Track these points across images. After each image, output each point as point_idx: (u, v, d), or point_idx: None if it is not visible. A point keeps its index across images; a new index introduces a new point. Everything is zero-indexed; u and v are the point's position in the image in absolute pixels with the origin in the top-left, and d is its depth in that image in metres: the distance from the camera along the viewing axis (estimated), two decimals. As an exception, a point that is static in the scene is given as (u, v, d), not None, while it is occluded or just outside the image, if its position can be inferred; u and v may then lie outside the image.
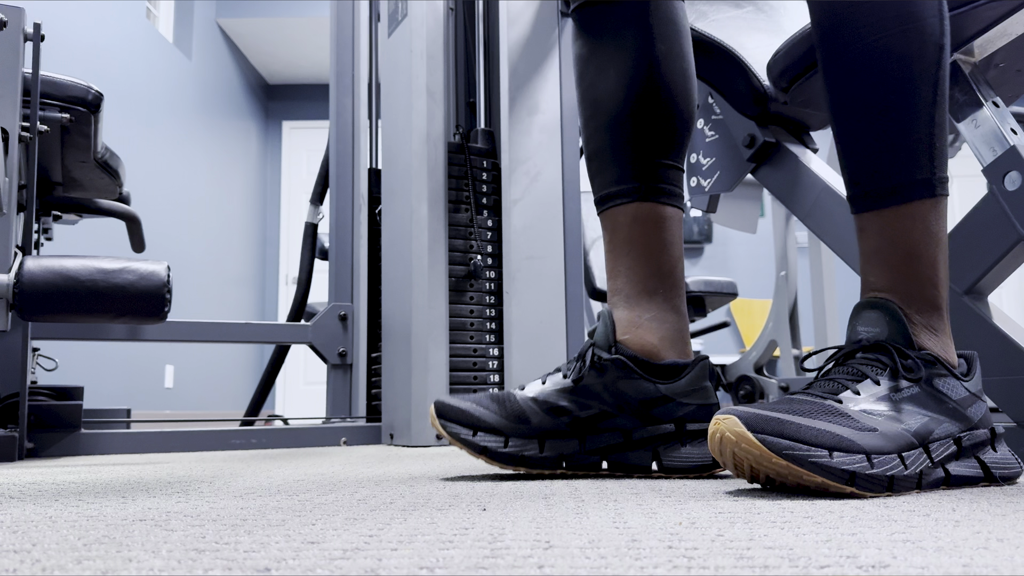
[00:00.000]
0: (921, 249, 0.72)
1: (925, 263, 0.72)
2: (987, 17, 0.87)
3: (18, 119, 1.25)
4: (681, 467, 0.79)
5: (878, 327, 0.70)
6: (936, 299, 0.72)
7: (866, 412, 0.64)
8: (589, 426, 0.80)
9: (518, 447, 0.78)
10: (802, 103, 1.04)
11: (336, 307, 2.09)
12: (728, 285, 2.63)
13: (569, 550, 0.38)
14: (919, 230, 0.72)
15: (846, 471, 0.59)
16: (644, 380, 0.80)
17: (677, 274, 0.87)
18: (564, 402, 0.80)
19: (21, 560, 0.37)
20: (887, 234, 0.73)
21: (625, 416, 0.79)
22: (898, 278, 0.72)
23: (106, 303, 1.17)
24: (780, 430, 0.60)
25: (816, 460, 0.59)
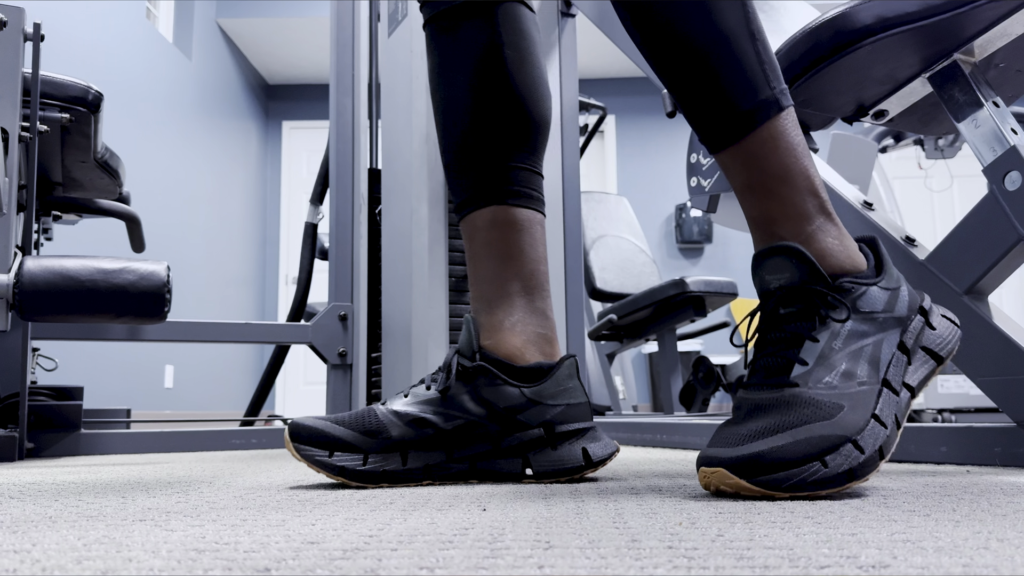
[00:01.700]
0: (790, 164, 0.69)
1: (799, 175, 0.69)
2: (987, 17, 0.87)
3: (18, 119, 1.25)
4: (552, 471, 0.77)
5: (786, 272, 0.67)
6: (823, 205, 0.70)
7: (826, 385, 0.63)
8: (456, 438, 0.77)
9: (378, 463, 0.74)
10: (802, 103, 1.04)
11: (336, 307, 2.09)
12: (728, 285, 2.63)
13: (569, 550, 0.38)
14: (782, 147, 0.70)
15: (844, 472, 0.58)
16: (508, 386, 0.78)
17: (539, 276, 0.86)
18: (429, 415, 0.77)
19: (21, 560, 0.37)
20: (753, 164, 0.70)
21: (493, 424, 0.77)
22: (782, 201, 0.70)
23: (106, 303, 1.17)
24: (766, 462, 0.58)
25: (816, 477, 0.58)
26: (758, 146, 0.70)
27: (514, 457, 0.78)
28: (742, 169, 0.71)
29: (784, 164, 0.69)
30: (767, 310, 0.68)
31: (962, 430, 0.92)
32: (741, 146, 0.70)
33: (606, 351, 2.89)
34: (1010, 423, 0.87)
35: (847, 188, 1.06)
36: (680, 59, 0.71)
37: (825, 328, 0.65)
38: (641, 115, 6.24)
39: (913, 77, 0.97)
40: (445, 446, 0.77)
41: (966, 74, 0.92)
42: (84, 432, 1.55)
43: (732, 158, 0.71)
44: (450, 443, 0.77)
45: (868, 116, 1.05)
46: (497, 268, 0.85)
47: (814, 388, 0.63)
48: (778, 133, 0.70)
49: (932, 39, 0.89)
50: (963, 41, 0.90)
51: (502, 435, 0.78)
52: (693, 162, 1.27)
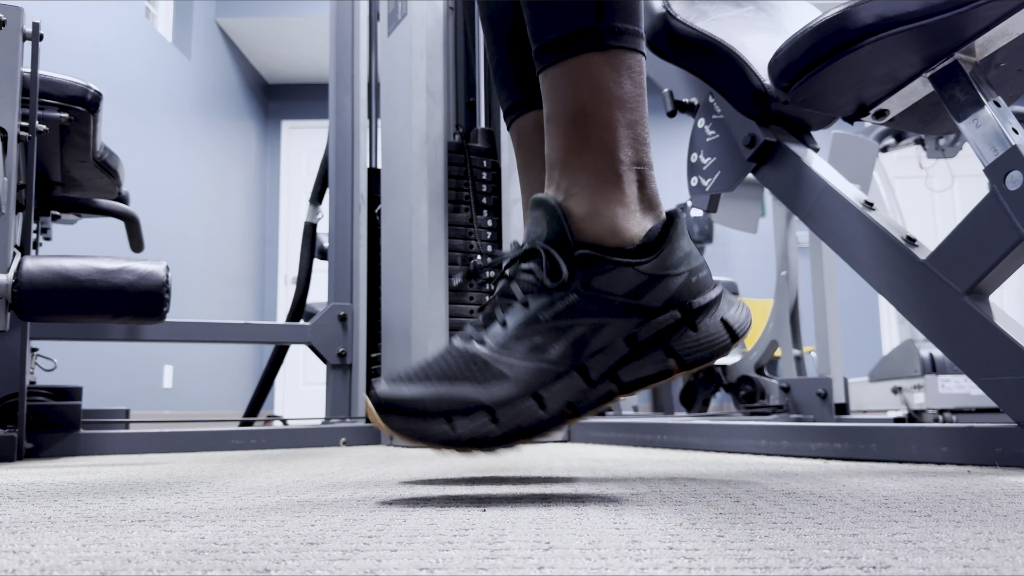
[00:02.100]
0: (591, 108, 0.63)
1: (597, 125, 0.63)
2: (988, 17, 0.87)
3: (17, 119, 1.25)
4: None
5: (540, 227, 0.63)
6: (613, 166, 0.63)
7: (504, 349, 0.59)
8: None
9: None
10: (803, 102, 1.04)
11: (335, 307, 2.09)
12: (729, 285, 2.63)
13: (569, 551, 0.38)
14: (586, 88, 0.63)
15: (467, 438, 0.56)
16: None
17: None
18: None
19: (20, 561, 0.37)
20: (555, 95, 0.64)
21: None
22: (568, 145, 0.64)
23: (105, 303, 1.16)
24: (402, 407, 0.57)
25: (434, 433, 0.56)
26: (567, 78, 0.64)
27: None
28: (548, 99, 0.65)
29: (587, 107, 0.63)
30: (507, 263, 0.65)
31: (963, 430, 0.92)
32: (550, 73, 0.65)
33: (606, 351, 2.88)
34: (1011, 423, 0.87)
35: (848, 188, 1.06)
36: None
37: (542, 296, 0.61)
38: (641, 115, 6.23)
39: (914, 76, 0.97)
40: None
41: (967, 73, 0.92)
42: (83, 432, 1.54)
43: (543, 84, 0.66)
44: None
45: (869, 115, 1.05)
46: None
47: (493, 350, 0.60)
48: (592, 71, 0.63)
49: (933, 38, 0.89)
50: (964, 40, 0.90)
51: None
52: (693, 162, 1.26)
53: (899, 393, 2.61)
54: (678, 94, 1.28)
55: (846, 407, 2.19)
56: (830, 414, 2.06)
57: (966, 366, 0.90)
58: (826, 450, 1.09)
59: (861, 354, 5.77)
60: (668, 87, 1.29)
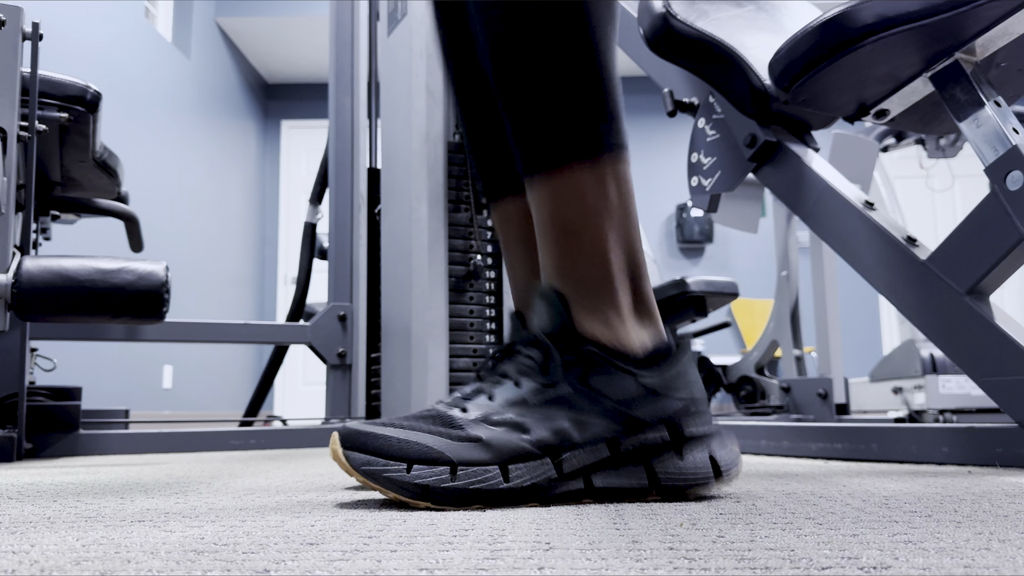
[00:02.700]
0: (578, 222, 0.64)
1: (585, 238, 0.64)
2: (988, 16, 0.87)
3: (16, 119, 1.25)
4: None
5: (544, 319, 0.63)
6: (605, 279, 0.64)
7: (484, 421, 0.59)
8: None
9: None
10: (803, 102, 1.03)
11: (335, 307, 2.09)
12: (729, 285, 2.63)
13: (569, 551, 0.38)
14: (573, 200, 0.64)
15: (418, 485, 0.56)
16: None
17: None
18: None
19: (19, 561, 0.37)
20: (544, 207, 0.65)
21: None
22: (560, 257, 0.65)
23: (104, 303, 1.16)
24: (365, 444, 0.57)
25: (390, 475, 0.56)
26: (552, 191, 0.65)
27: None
28: (536, 211, 0.67)
29: (574, 221, 0.65)
30: (505, 347, 0.66)
31: (964, 431, 0.92)
32: (535, 185, 0.66)
33: (606, 351, 2.88)
34: (1012, 423, 0.86)
35: (848, 188, 1.06)
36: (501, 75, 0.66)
37: (535, 380, 0.62)
38: (641, 114, 6.24)
39: (915, 76, 0.97)
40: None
41: (967, 73, 0.92)
42: (83, 432, 1.54)
43: (530, 196, 0.67)
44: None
45: (869, 115, 1.04)
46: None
47: (474, 418, 0.60)
48: (576, 184, 0.64)
49: (934, 38, 0.89)
50: (965, 40, 0.90)
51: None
52: (694, 162, 1.26)
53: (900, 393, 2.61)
54: (678, 94, 1.28)
55: (846, 407, 2.19)
56: (830, 414, 2.06)
57: (967, 366, 0.90)
58: (826, 450, 1.09)
59: (861, 354, 5.77)
60: (668, 87, 1.29)
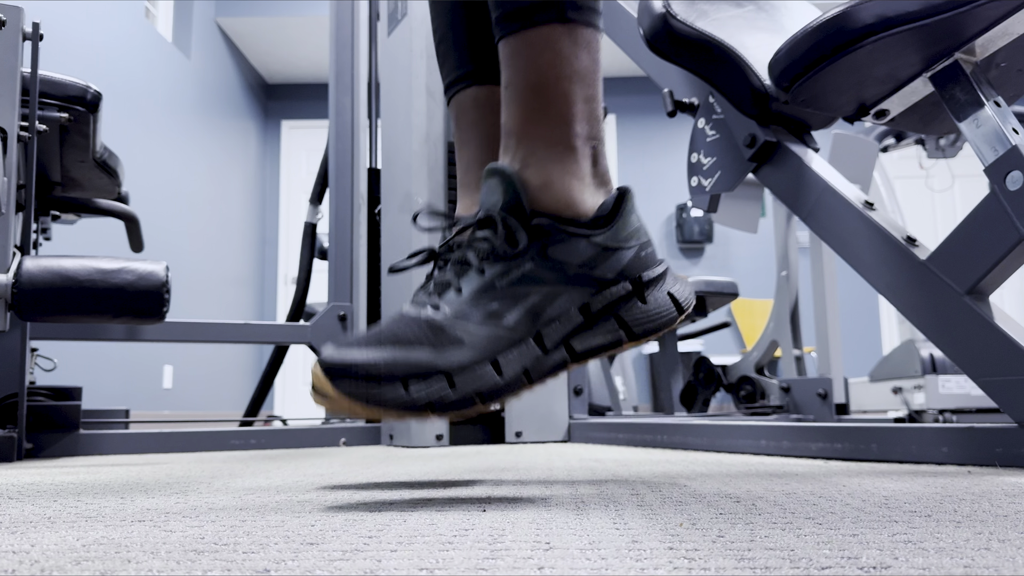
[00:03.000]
0: (549, 80, 0.64)
1: (555, 97, 0.64)
2: (988, 17, 0.87)
3: (17, 119, 1.25)
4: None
5: (494, 195, 0.63)
6: (569, 139, 0.64)
7: (459, 317, 0.59)
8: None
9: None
10: (803, 102, 1.03)
11: (335, 307, 2.09)
12: (729, 285, 2.63)
13: (569, 551, 0.38)
14: (546, 59, 0.64)
15: (424, 402, 0.56)
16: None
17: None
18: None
19: (20, 561, 0.37)
20: (515, 64, 0.65)
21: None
22: (526, 115, 0.65)
23: (105, 303, 1.16)
24: (355, 371, 0.56)
25: (392, 398, 0.55)
26: (526, 48, 0.65)
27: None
28: (506, 67, 0.66)
29: (545, 79, 0.64)
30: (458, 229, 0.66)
31: (963, 431, 0.92)
32: (510, 41, 0.66)
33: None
34: (1011, 423, 0.86)
35: (848, 188, 1.06)
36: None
37: (498, 263, 0.62)
38: (641, 114, 6.24)
39: (914, 76, 0.97)
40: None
41: (967, 73, 0.92)
42: (83, 432, 1.54)
43: (502, 52, 0.66)
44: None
45: (869, 115, 1.05)
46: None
47: (448, 316, 0.60)
48: (551, 43, 0.64)
49: (933, 38, 0.89)
50: (964, 40, 0.90)
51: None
52: (694, 162, 1.26)
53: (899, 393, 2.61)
54: (678, 94, 1.28)
55: (846, 407, 2.20)
56: (830, 414, 2.06)
57: (966, 366, 0.90)
58: (826, 450, 1.09)
59: (861, 354, 5.77)
60: (668, 87, 1.29)
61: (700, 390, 2.57)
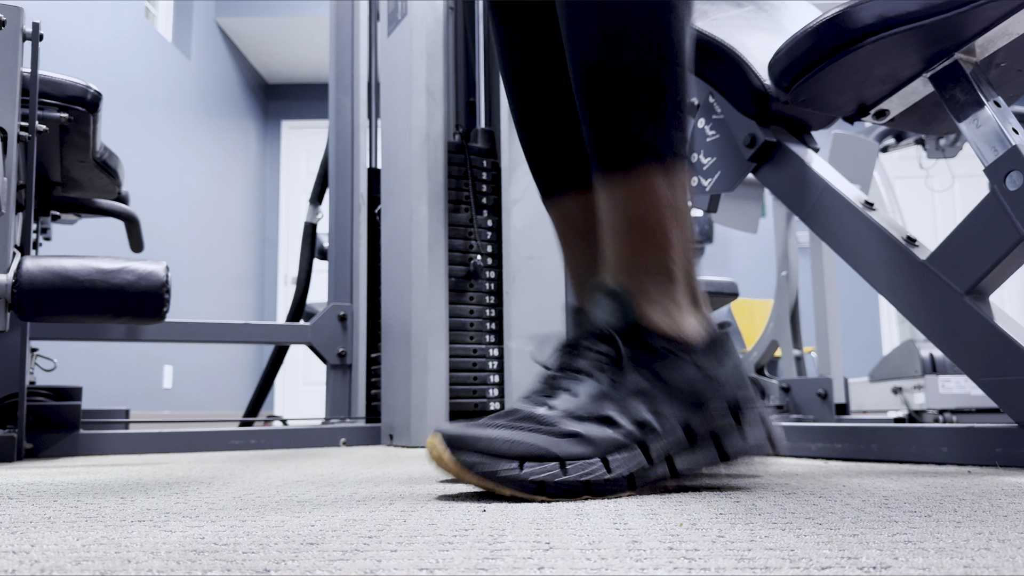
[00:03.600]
0: (651, 217, 0.69)
1: (655, 232, 0.69)
2: (988, 17, 0.87)
3: (17, 119, 1.25)
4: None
5: (609, 314, 0.68)
6: (667, 267, 0.69)
7: (572, 416, 0.63)
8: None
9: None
10: (803, 102, 1.03)
11: (335, 307, 2.09)
12: (729, 285, 2.63)
13: (569, 551, 0.38)
14: (648, 197, 0.69)
15: (533, 481, 0.59)
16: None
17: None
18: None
19: (20, 561, 0.37)
20: (616, 201, 0.70)
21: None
22: (628, 248, 0.70)
23: (105, 303, 1.16)
24: (474, 446, 0.60)
25: (505, 474, 0.59)
26: (626, 187, 0.70)
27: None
28: (606, 205, 0.71)
29: (647, 216, 0.70)
30: (569, 342, 0.70)
31: (963, 431, 0.92)
32: (611, 181, 0.71)
33: (606, 351, 2.88)
34: (1011, 424, 0.86)
35: (848, 188, 1.06)
36: (583, 67, 0.72)
37: (614, 375, 0.66)
38: (641, 115, 6.24)
39: (914, 76, 0.97)
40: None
41: (967, 74, 0.92)
42: (83, 432, 1.54)
43: (600, 191, 0.72)
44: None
45: (869, 116, 1.05)
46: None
47: (561, 415, 0.64)
48: (651, 182, 0.70)
49: (933, 38, 0.89)
50: (964, 40, 0.90)
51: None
52: (693, 162, 1.26)
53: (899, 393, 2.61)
54: (678, 94, 1.28)
55: (846, 407, 2.20)
56: (830, 414, 2.06)
57: (966, 366, 0.90)
58: (826, 450, 1.09)
59: (861, 354, 5.77)
60: (668, 87, 1.28)
61: (700, 390, 2.57)
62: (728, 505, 0.56)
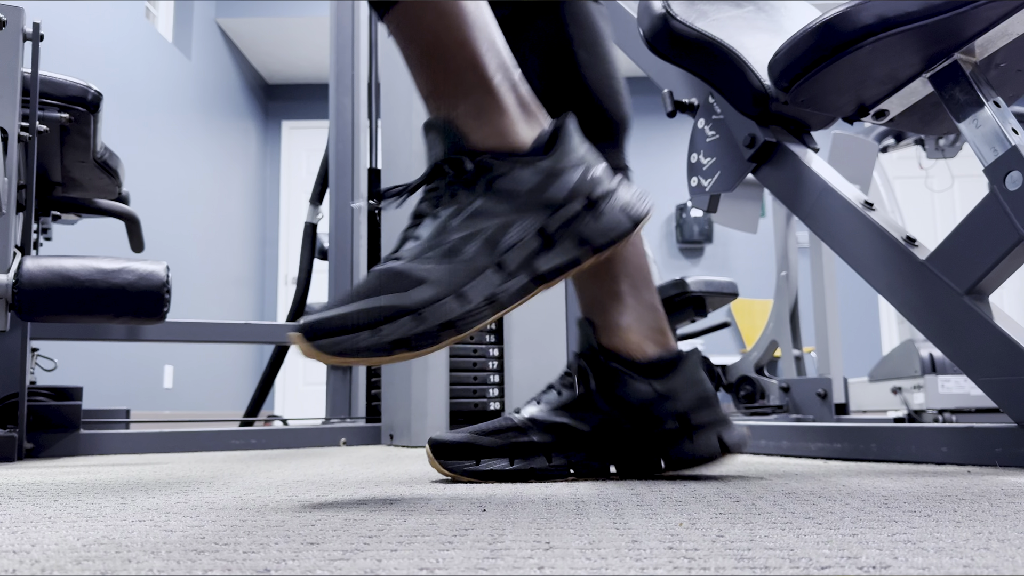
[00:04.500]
0: (443, 34, 0.66)
1: (454, 48, 0.66)
2: (988, 17, 0.87)
3: (17, 119, 1.25)
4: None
5: (437, 147, 0.66)
6: (484, 81, 0.66)
7: (419, 259, 0.63)
8: (594, 437, 0.80)
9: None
10: (803, 103, 1.03)
11: (336, 307, 2.09)
12: (729, 285, 2.63)
13: (569, 551, 0.38)
14: (430, 15, 0.66)
15: (392, 342, 0.59)
16: (638, 382, 0.80)
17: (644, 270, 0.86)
18: (566, 419, 0.80)
19: (20, 560, 0.37)
20: (404, 32, 0.67)
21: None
22: (433, 77, 0.67)
23: (105, 303, 1.17)
24: (327, 328, 0.59)
25: (365, 344, 0.59)
26: (408, 11, 0.66)
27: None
28: (399, 38, 0.68)
29: (435, 36, 0.66)
30: (409, 188, 0.69)
31: (963, 430, 0.92)
32: (390, 16, 0.67)
33: (606, 351, 2.88)
34: (1011, 423, 0.87)
35: (848, 188, 1.06)
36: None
37: (450, 205, 0.65)
38: (641, 115, 6.23)
39: (914, 77, 0.97)
40: (586, 446, 0.79)
41: (967, 74, 0.92)
42: (83, 432, 1.54)
43: (389, 24, 0.68)
44: (590, 443, 0.80)
45: (869, 116, 1.05)
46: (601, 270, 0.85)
47: (409, 262, 0.63)
48: (424, 2, 0.66)
49: (933, 39, 0.89)
50: (964, 41, 0.90)
51: (638, 431, 0.79)
52: (693, 162, 1.26)
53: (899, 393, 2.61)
54: (678, 94, 1.28)
55: (846, 407, 2.19)
56: (830, 414, 2.06)
57: (966, 366, 0.90)
58: (826, 450, 1.09)
59: (861, 354, 5.77)
60: (668, 87, 1.29)
61: (700, 390, 2.57)
62: (728, 505, 0.56)
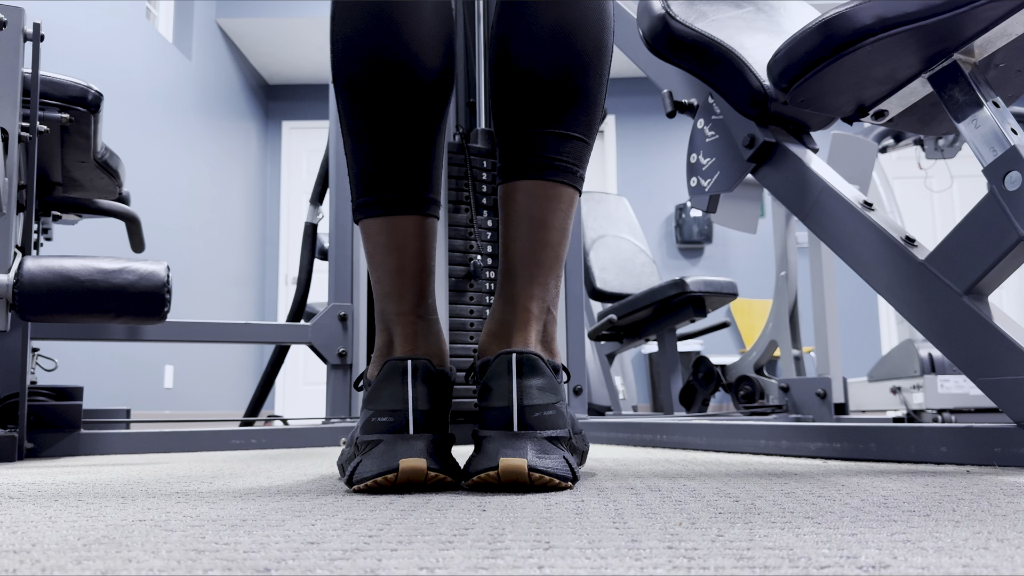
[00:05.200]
0: (372, 272, 0.79)
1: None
2: (987, 17, 0.87)
3: (18, 119, 1.25)
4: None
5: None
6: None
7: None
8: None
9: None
10: (802, 103, 1.04)
11: (336, 307, 2.09)
12: (728, 285, 2.63)
13: (569, 550, 0.38)
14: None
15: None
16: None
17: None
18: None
19: (21, 560, 0.37)
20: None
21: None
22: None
23: (106, 303, 1.17)
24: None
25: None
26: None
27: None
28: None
29: (370, 263, 0.78)
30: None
31: (962, 430, 0.92)
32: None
33: (606, 351, 2.89)
34: (1010, 423, 0.87)
35: (847, 188, 1.06)
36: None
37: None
38: (641, 115, 6.24)
39: (913, 77, 0.97)
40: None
41: (966, 74, 0.92)
42: (84, 432, 1.55)
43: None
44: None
45: (868, 116, 1.05)
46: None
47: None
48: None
49: (932, 39, 0.89)
50: (963, 41, 0.90)
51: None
52: (693, 162, 1.27)
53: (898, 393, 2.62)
54: (678, 95, 1.28)
55: (845, 407, 2.20)
56: (829, 414, 2.06)
57: (965, 366, 0.90)
58: (825, 450, 1.09)
59: (860, 354, 5.77)
60: (667, 88, 1.29)
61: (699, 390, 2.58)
62: (727, 504, 0.56)
